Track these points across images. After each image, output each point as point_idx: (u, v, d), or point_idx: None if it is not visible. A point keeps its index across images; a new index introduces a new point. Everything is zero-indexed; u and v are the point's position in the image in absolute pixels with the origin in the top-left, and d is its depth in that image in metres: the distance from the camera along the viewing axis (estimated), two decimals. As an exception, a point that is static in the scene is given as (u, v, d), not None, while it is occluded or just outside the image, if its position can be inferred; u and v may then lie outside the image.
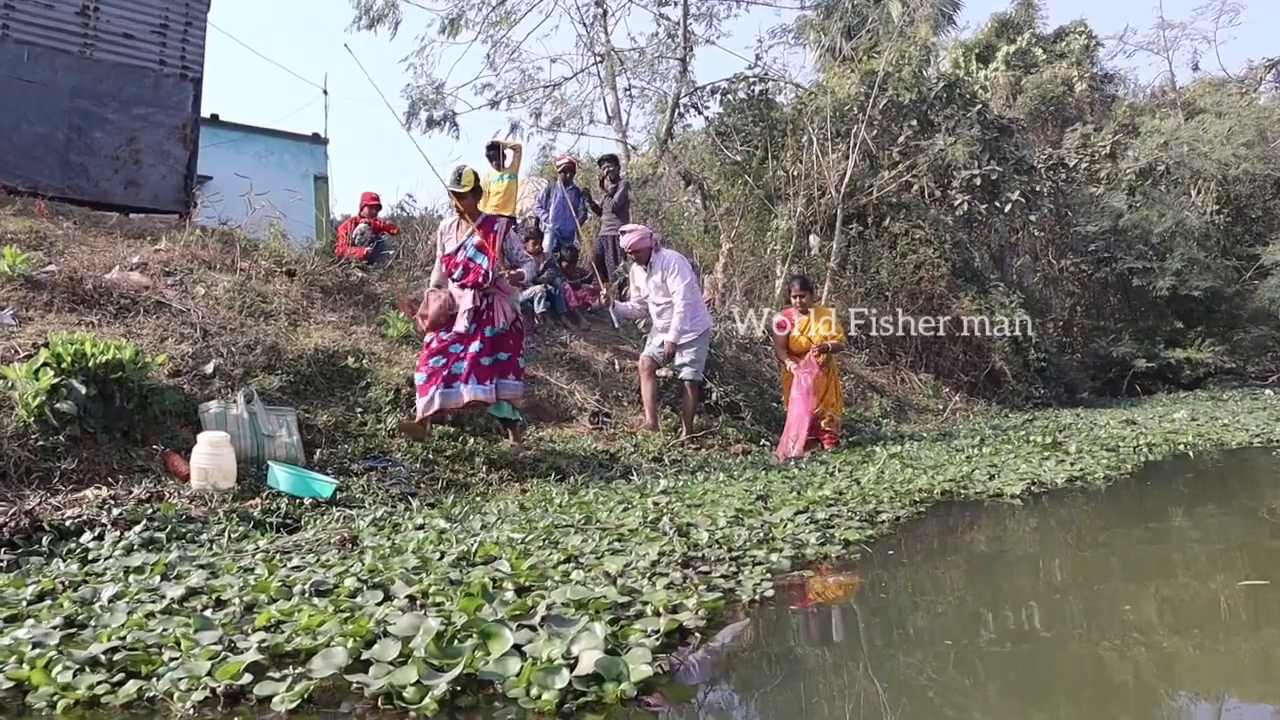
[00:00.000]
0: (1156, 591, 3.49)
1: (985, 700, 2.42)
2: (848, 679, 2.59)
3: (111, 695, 2.27)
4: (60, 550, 4.20)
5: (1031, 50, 23.81)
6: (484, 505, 5.46)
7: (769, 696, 2.46)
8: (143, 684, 2.31)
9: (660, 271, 7.94)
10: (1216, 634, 2.92)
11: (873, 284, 14.23)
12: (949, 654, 2.75)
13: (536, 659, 2.29)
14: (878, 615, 3.30)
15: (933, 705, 2.38)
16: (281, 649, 2.51)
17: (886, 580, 3.76)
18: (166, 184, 10.42)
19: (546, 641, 2.38)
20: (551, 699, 2.13)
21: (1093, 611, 3.17)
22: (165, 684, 2.29)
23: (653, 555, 3.63)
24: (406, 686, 2.17)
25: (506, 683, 2.22)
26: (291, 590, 3.19)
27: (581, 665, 2.23)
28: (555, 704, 2.13)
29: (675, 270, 7.88)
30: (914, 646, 2.89)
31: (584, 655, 2.26)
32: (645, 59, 17.34)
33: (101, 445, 5.39)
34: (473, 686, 2.25)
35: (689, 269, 8.13)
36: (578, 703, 2.15)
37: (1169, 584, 3.64)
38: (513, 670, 2.24)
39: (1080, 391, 16.51)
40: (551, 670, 2.20)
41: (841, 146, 14.48)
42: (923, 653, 2.80)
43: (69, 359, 5.37)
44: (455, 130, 17.81)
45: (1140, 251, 18.93)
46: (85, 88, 9.62)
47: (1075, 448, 7.66)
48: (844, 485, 5.78)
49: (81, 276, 6.93)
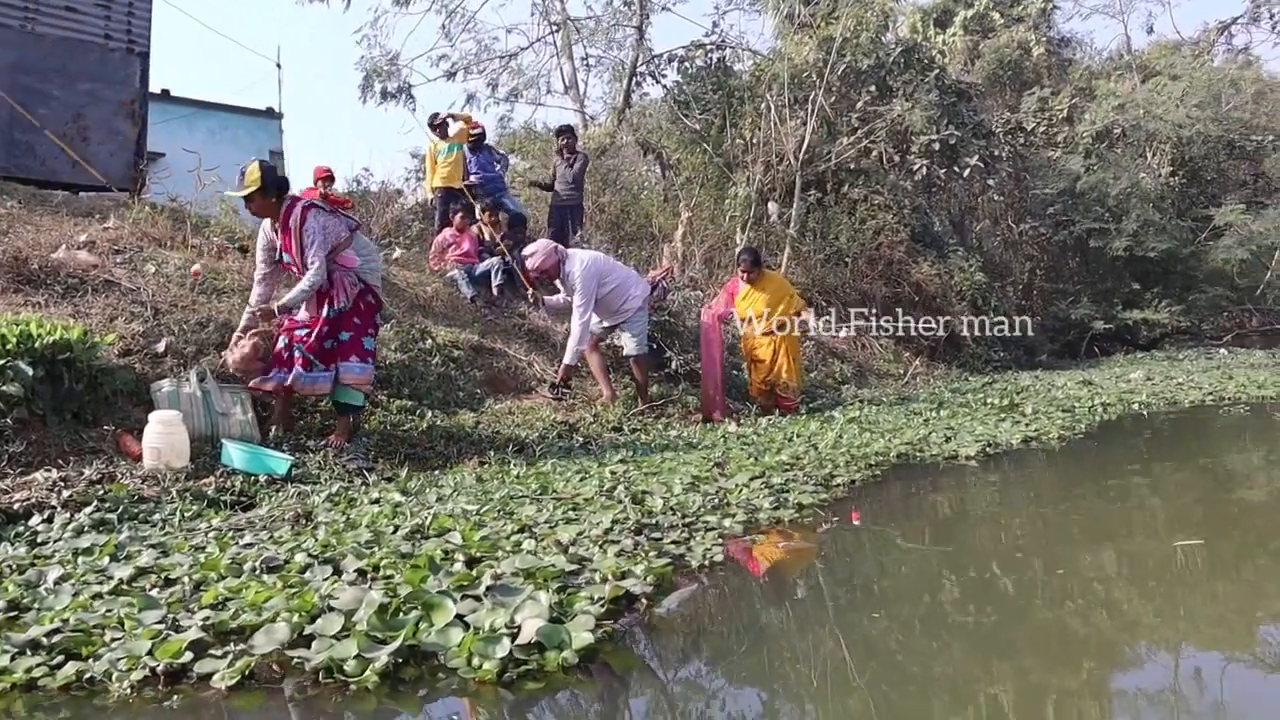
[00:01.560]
0: (1106, 546, 3.56)
1: (934, 652, 2.46)
2: (796, 640, 2.62)
3: (50, 678, 2.25)
4: (8, 534, 4.14)
5: (989, 14, 23.85)
6: (440, 479, 5.44)
7: (713, 661, 2.49)
8: (81, 665, 2.29)
9: (566, 288, 7.98)
10: (1164, 584, 2.99)
11: (832, 250, 14.27)
12: (900, 611, 2.78)
13: (479, 629, 2.29)
14: (827, 576, 3.33)
15: (884, 660, 2.42)
16: (226, 626, 2.49)
17: (837, 542, 3.80)
18: (115, 162, 10.22)
19: (490, 611, 2.38)
20: (492, 668, 2.13)
21: (1045, 565, 3.23)
22: (104, 665, 2.26)
23: (606, 523, 3.65)
24: (347, 660, 2.17)
25: (448, 653, 2.22)
26: (241, 568, 3.17)
27: (523, 634, 2.23)
28: (496, 673, 2.13)
29: (577, 285, 7.81)
30: (865, 605, 2.92)
31: (526, 624, 2.26)
32: (602, 27, 17.21)
33: (51, 427, 5.31)
34: (416, 658, 2.25)
35: (591, 274, 7.87)
36: (518, 671, 2.15)
37: (1119, 539, 3.71)
38: (455, 641, 2.24)
39: (1039, 354, 16.70)
40: (492, 640, 2.21)
41: (800, 114, 14.47)
42: (874, 611, 2.84)
43: (14, 340, 5.26)
44: (411, 103, 17.60)
45: (1097, 214, 19.11)
46: (27, 63, 9.39)
47: (1031, 409, 7.75)
48: (801, 451, 5.82)
49: (27, 256, 6.79)
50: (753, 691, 2.29)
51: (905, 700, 2.16)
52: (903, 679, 2.29)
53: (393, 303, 8.71)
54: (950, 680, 2.27)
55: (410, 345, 7.80)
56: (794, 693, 2.27)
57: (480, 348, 8.45)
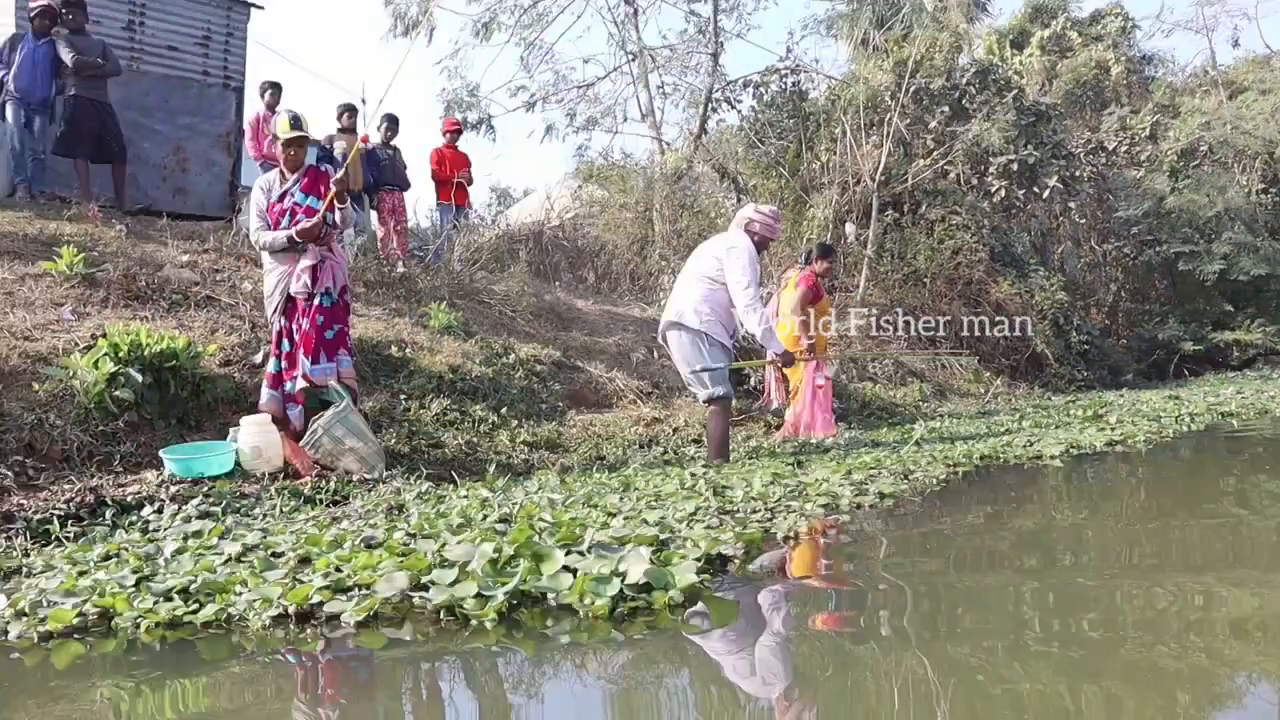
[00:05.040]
0: (1195, 536, 3.53)
1: (1009, 621, 2.48)
2: (881, 605, 2.66)
3: (192, 616, 2.42)
4: (122, 522, 4.38)
5: (1066, 34, 23.59)
6: (525, 481, 5.58)
7: (804, 616, 2.55)
8: (219, 607, 2.46)
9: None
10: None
11: (910, 270, 14.22)
12: (986, 583, 2.81)
13: (588, 573, 2.40)
14: (914, 551, 3.36)
15: (966, 627, 2.45)
16: (344, 583, 2.64)
17: (923, 522, 3.83)
18: (212, 191, 10.70)
19: (596, 561, 2.48)
20: (604, 605, 2.24)
21: (1136, 553, 3.22)
22: (241, 605, 2.43)
23: (689, 509, 3.73)
24: (467, 599, 2.29)
25: (560, 594, 2.33)
26: (342, 544, 3.32)
27: (631, 575, 2.33)
28: (608, 609, 2.24)
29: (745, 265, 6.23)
30: (957, 571, 2.95)
31: (633, 567, 2.36)
32: (677, 55, 17.42)
33: (158, 430, 5.60)
34: (527, 603, 2.37)
35: None
36: (628, 606, 2.26)
37: (1212, 530, 3.67)
38: (565, 585, 2.36)
39: (1125, 374, 16.36)
40: (603, 580, 2.32)
41: (875, 136, 14.49)
42: (963, 584, 2.87)
43: (125, 349, 5.56)
44: (492, 133, 18.02)
45: (1186, 235, 18.66)
46: (133, 99, 9.87)
47: (1116, 418, 7.65)
48: (882, 455, 5.84)
49: (135, 274, 7.16)
50: (844, 641, 2.34)
51: (987, 661, 2.18)
52: (984, 640, 2.32)
53: (478, 318, 8.96)
54: (1049, 642, 2.29)
55: (495, 360, 7.99)
56: (887, 643, 2.31)
57: (562, 363, 8.63)
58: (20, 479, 4.76)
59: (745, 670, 2.12)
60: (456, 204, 11.30)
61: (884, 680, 2.01)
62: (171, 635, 2.40)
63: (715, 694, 1.99)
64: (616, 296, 13.36)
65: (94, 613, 2.55)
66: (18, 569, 3.56)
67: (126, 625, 2.48)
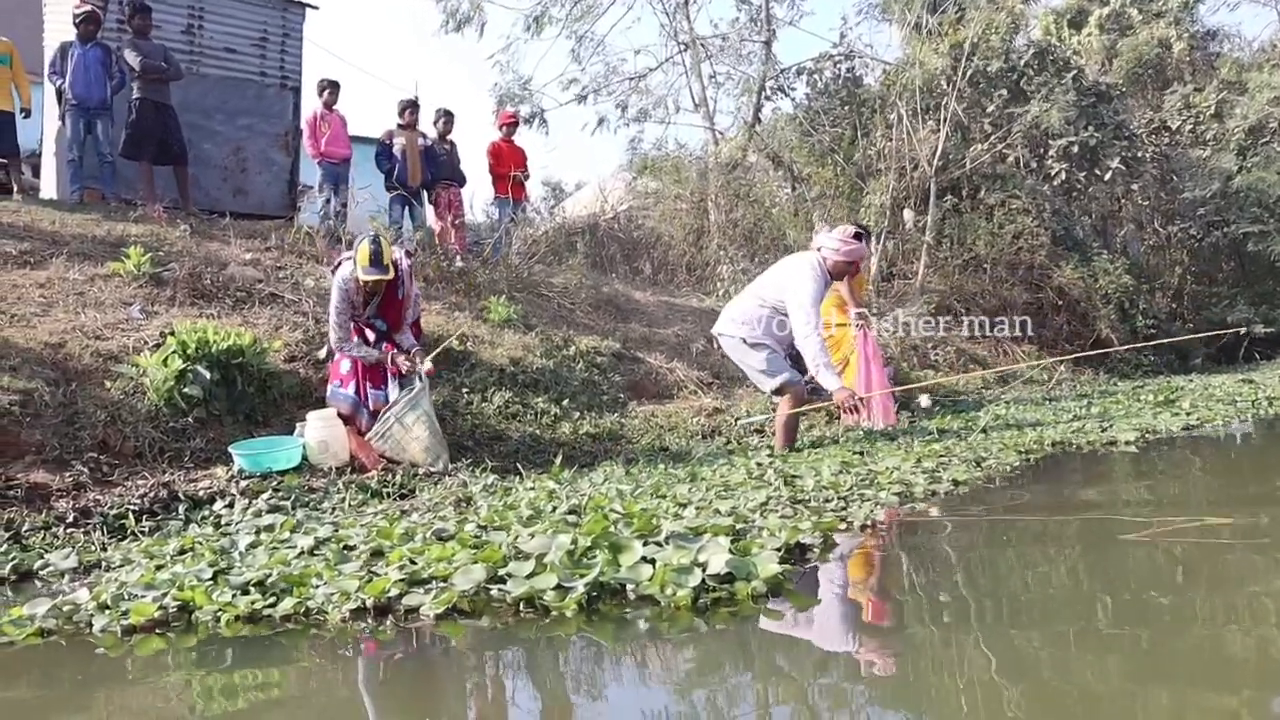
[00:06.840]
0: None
1: (1093, 599, 2.40)
2: (960, 593, 2.59)
3: (271, 609, 2.43)
4: (195, 517, 4.45)
5: (1126, 12, 22.99)
6: (591, 473, 5.56)
7: (886, 605, 2.49)
8: (298, 600, 2.46)
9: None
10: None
11: (970, 256, 13.98)
12: (1078, 571, 2.73)
13: (668, 564, 2.36)
14: (996, 538, 3.28)
15: (1053, 613, 2.37)
16: (420, 575, 2.63)
17: (1002, 509, 3.73)
18: (272, 190, 10.83)
19: (674, 551, 2.44)
20: (686, 596, 2.20)
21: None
22: (319, 598, 2.43)
23: (760, 499, 3.68)
24: (546, 591, 2.27)
25: (640, 585, 2.29)
26: (413, 537, 3.32)
27: (712, 565, 2.29)
28: (690, 600, 2.19)
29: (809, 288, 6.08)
30: (1039, 560, 2.87)
31: (714, 557, 2.32)
32: (729, 44, 17.25)
33: (226, 426, 5.67)
34: (605, 594, 2.33)
35: None
36: (711, 597, 2.21)
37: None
38: (645, 575, 2.32)
39: (1194, 358, 15.94)
40: (685, 570, 2.27)
41: (931, 121, 14.27)
42: (1043, 566, 2.78)
43: (193, 346, 5.64)
44: (544, 126, 17.98)
45: (1255, 215, 18.13)
46: (192, 102, 10.01)
47: (1189, 403, 7.44)
48: (950, 443, 5.73)
49: (200, 272, 7.26)
50: (928, 629, 2.28)
51: (1065, 648, 2.11)
52: (1061, 625, 2.24)
53: (537, 311, 8.97)
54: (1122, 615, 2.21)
55: (555, 352, 8.00)
56: (970, 631, 2.24)
57: (621, 355, 8.61)
58: (95, 475, 4.85)
59: (832, 660, 2.07)
60: (514, 198, 11.30)
61: (978, 672, 1.94)
62: (251, 630, 2.40)
63: (804, 685, 1.94)
64: (674, 287, 13.31)
65: (174, 606, 2.57)
66: (97, 563, 3.63)
67: (206, 619, 2.50)
